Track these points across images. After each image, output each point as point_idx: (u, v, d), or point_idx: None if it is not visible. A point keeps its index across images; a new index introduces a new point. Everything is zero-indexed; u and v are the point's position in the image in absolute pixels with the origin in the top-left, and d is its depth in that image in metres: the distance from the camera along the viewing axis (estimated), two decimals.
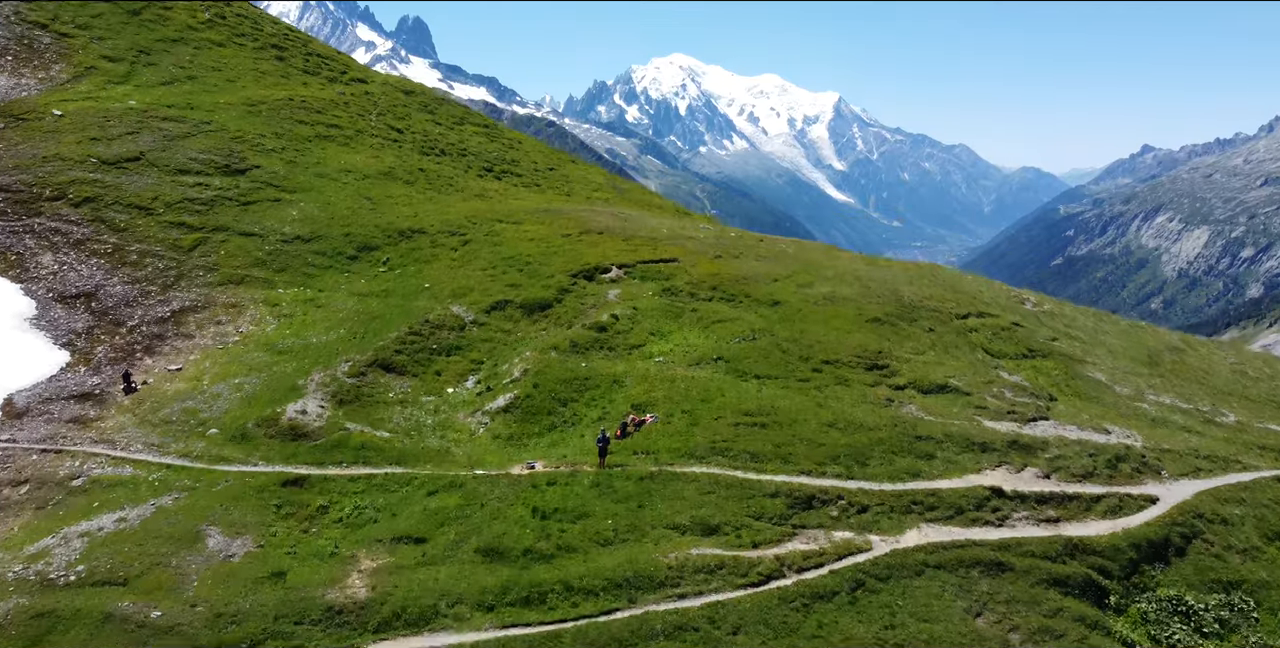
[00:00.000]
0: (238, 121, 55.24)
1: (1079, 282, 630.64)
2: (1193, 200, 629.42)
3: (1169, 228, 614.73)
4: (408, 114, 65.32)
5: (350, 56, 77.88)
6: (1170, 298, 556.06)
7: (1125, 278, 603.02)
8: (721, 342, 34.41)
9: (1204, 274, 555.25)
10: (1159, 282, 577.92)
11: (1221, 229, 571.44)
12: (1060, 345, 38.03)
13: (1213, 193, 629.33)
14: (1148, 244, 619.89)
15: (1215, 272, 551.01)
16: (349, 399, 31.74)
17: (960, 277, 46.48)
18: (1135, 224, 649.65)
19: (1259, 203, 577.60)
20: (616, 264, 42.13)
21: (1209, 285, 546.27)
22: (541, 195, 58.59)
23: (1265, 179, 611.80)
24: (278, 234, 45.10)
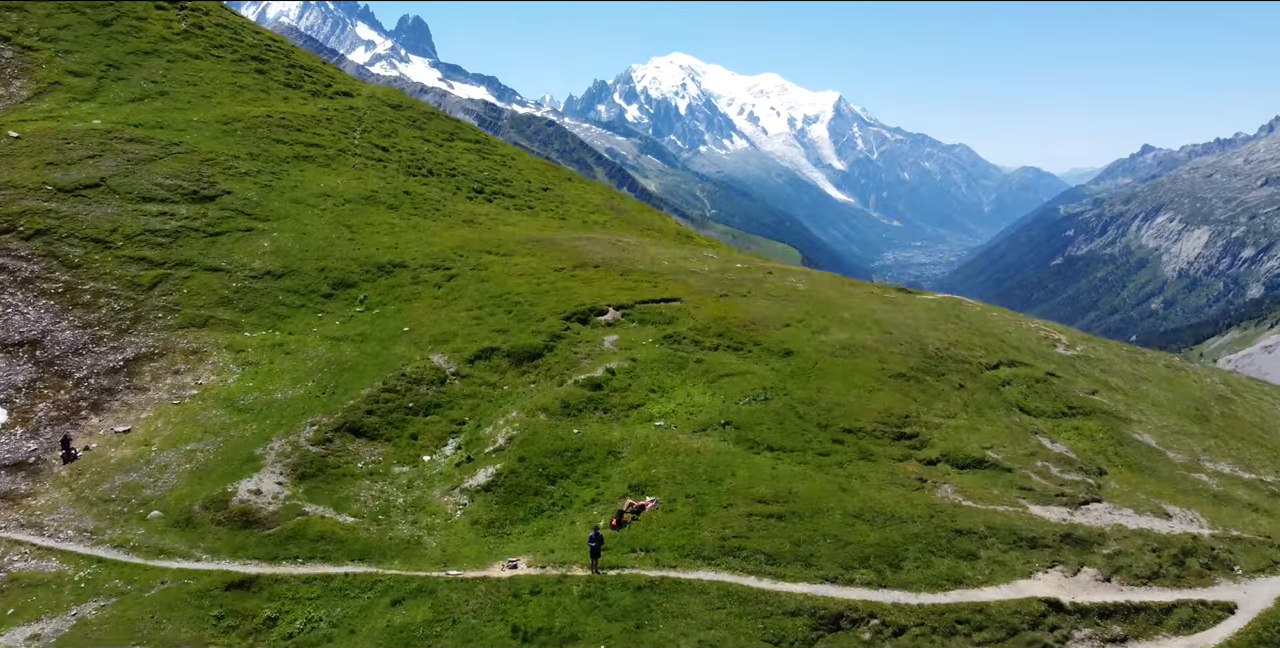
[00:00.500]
0: (210, 142, 51.68)
1: (1079, 281, 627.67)
2: (1193, 200, 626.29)
3: (1169, 228, 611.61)
4: (395, 130, 61.76)
5: (337, 67, 74.30)
6: (1170, 298, 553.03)
7: (1125, 278, 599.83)
8: (729, 402, 30.90)
9: (1204, 274, 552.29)
10: (1159, 282, 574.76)
11: (1222, 229, 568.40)
12: (1101, 400, 34.52)
13: (1213, 193, 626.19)
14: (1148, 244, 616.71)
15: (1215, 272, 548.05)
16: (312, 472, 28.22)
17: (985, 315, 42.96)
18: (1135, 224, 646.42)
19: (1259, 203, 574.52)
20: (613, 305, 38.62)
21: (1209, 286, 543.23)
22: (535, 220, 55.07)
23: (1266, 179, 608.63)
24: (246, 269, 41.57)
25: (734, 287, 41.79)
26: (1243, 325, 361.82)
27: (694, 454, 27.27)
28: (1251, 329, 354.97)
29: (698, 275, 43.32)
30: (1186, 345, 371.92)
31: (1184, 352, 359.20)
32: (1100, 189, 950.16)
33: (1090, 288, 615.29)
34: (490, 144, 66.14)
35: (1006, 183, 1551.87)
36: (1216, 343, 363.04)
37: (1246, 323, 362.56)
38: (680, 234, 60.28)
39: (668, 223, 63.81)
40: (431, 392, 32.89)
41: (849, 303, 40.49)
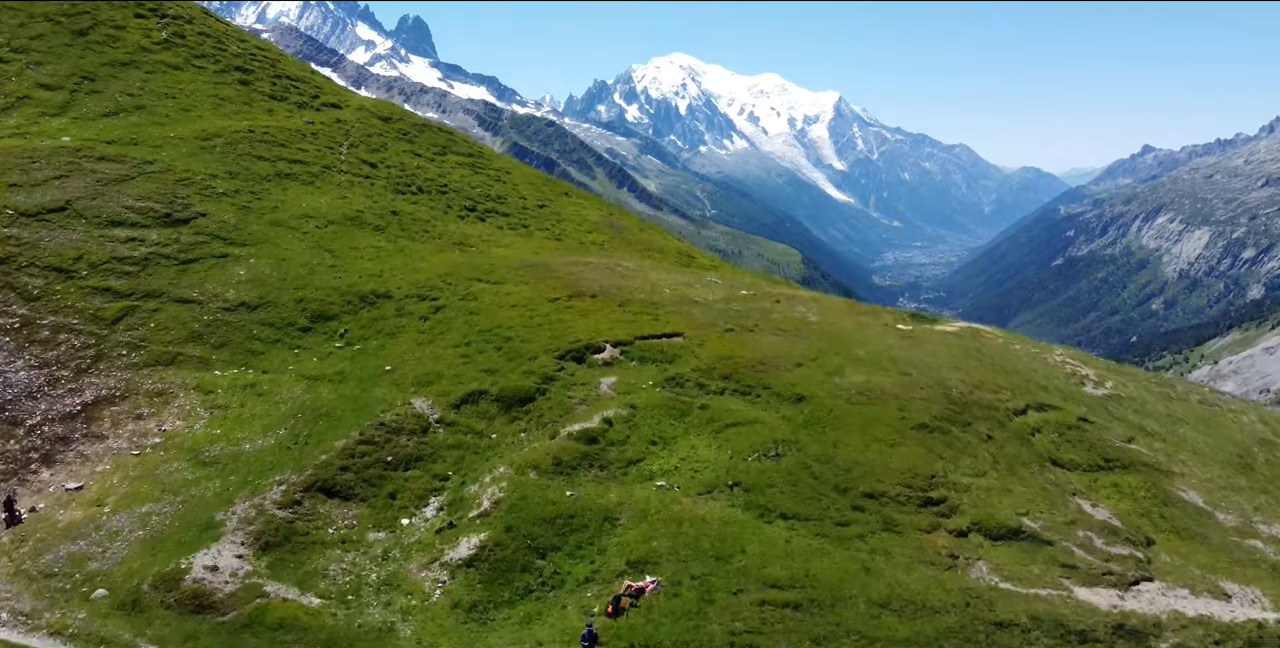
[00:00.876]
0: (187, 159, 49.00)
1: (1079, 282, 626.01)
2: (1194, 201, 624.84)
3: (1170, 228, 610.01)
4: (384, 144, 59.07)
5: (326, 76, 71.61)
6: (1171, 299, 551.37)
7: (1126, 278, 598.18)
8: (737, 457, 28.23)
9: (1205, 275, 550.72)
10: (1160, 282, 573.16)
11: (1222, 230, 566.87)
12: (1140, 450, 31.85)
13: (1214, 193, 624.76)
14: (1148, 245, 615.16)
15: (1216, 273, 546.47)
16: (277, 541, 25.56)
17: (1007, 349, 40.28)
18: (1136, 225, 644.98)
19: (1260, 203, 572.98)
20: (611, 341, 35.96)
21: (1210, 286, 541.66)
22: (529, 241, 52.38)
23: (1266, 180, 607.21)
24: (219, 300, 38.89)
25: (740, 319, 39.12)
26: (1244, 327, 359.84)
27: (699, 524, 24.62)
28: (1253, 330, 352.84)
29: (701, 306, 40.64)
30: (1187, 346, 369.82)
31: (1185, 353, 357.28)
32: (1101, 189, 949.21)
33: (1091, 288, 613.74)
34: (484, 157, 63.41)
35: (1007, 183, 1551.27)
36: (1217, 344, 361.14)
37: (1247, 324, 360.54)
38: (682, 254, 57.57)
39: (668, 242, 61.13)
40: (413, 443, 30.22)
41: (863, 337, 37.83)
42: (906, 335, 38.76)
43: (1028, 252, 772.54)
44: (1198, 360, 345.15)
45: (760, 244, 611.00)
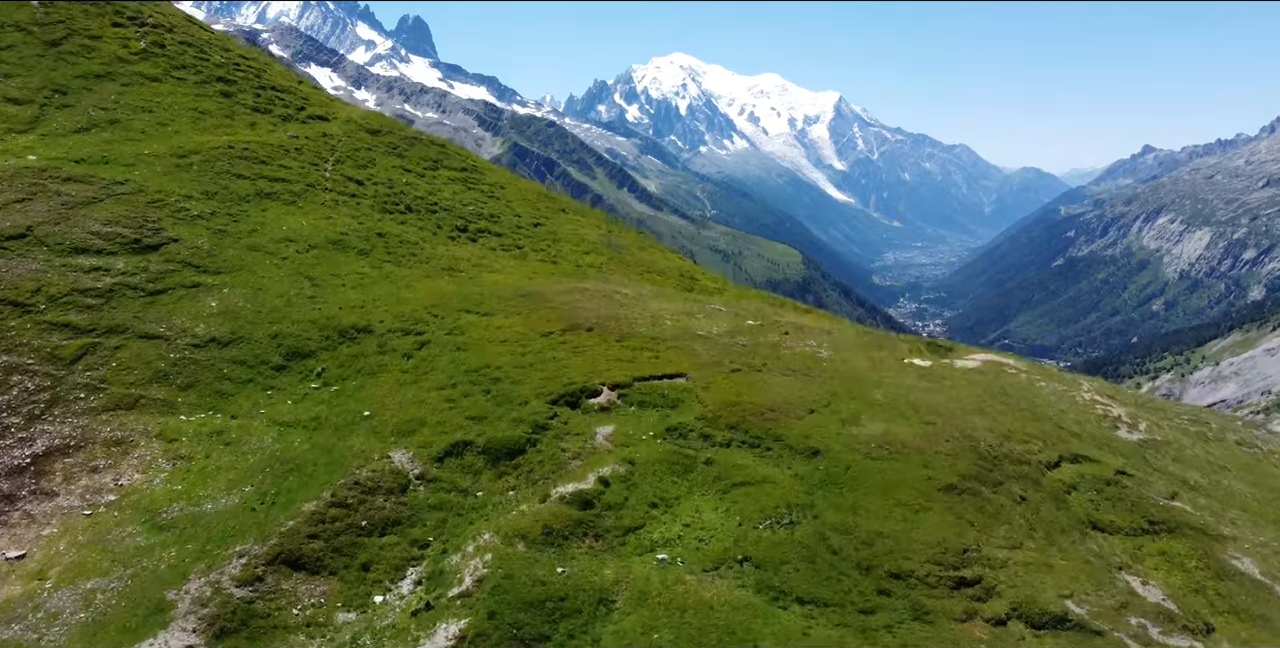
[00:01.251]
0: (160, 179, 46.33)
1: (1080, 283, 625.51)
2: (1194, 201, 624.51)
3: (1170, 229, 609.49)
4: (372, 159, 56.36)
5: (314, 86, 68.91)
6: (1172, 300, 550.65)
7: (1126, 279, 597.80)
8: (747, 525, 25.56)
9: (1206, 276, 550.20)
10: (1160, 283, 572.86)
11: (1223, 231, 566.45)
12: (1185, 508, 29.18)
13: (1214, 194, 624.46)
14: (1149, 245, 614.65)
15: (1217, 273, 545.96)
16: (234, 626, 22.89)
17: (1032, 387, 37.61)
18: (1136, 225, 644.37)
19: (1261, 204, 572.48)
20: (608, 383, 33.28)
21: (1211, 287, 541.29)
22: (523, 264, 49.69)
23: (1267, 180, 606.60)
24: (188, 336, 36.21)
25: (747, 356, 36.43)
26: (1245, 328, 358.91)
27: (705, 611, 21.95)
28: (1254, 332, 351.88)
29: (705, 341, 37.95)
30: (1188, 347, 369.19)
31: (1186, 354, 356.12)
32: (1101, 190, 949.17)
33: (1091, 289, 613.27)
34: (478, 171, 60.71)
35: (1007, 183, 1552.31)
36: (1218, 345, 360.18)
37: (1249, 325, 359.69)
38: (684, 276, 54.86)
39: (669, 261, 58.44)
40: (390, 504, 27.54)
41: (880, 378, 35.14)
42: (926, 374, 36.08)
43: (1028, 252, 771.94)
44: (1199, 362, 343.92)
45: (760, 245, 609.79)
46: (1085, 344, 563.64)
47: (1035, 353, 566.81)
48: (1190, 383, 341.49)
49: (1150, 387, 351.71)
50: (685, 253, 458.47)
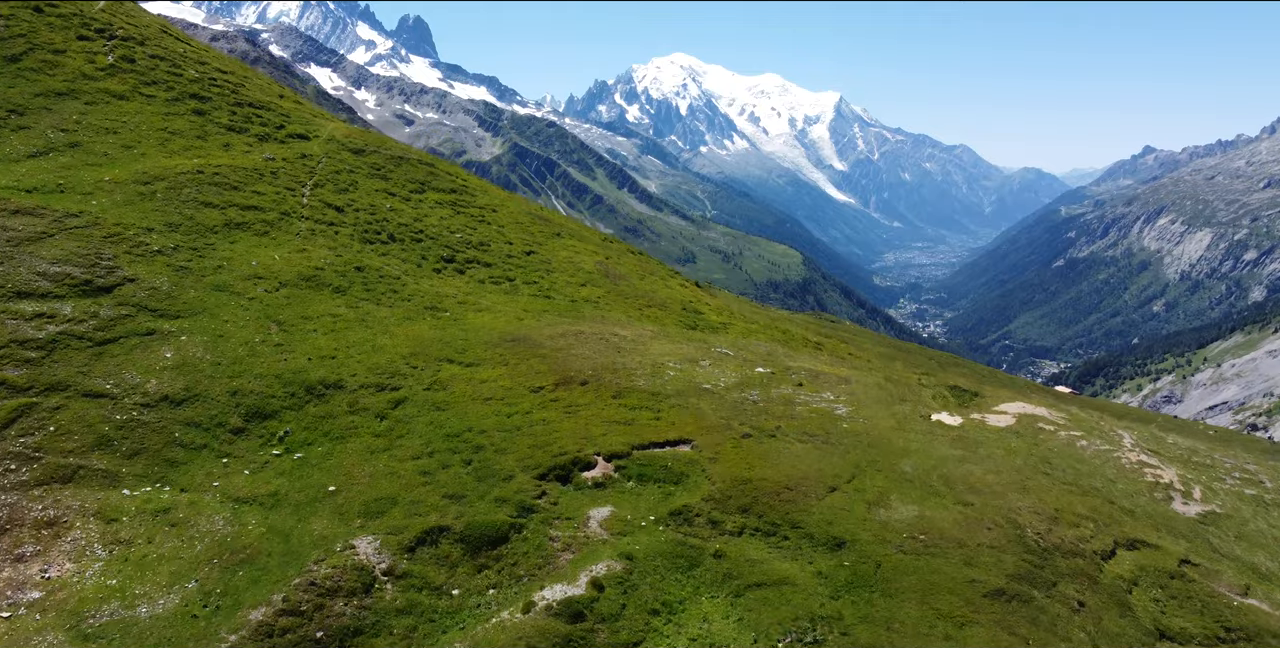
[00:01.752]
0: (120, 209, 42.68)
1: (1080, 283, 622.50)
2: (1195, 202, 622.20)
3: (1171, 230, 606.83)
4: (354, 183, 52.68)
5: (297, 101, 65.21)
6: (1172, 301, 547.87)
7: (1127, 280, 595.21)
8: (764, 642, 21.92)
9: (1206, 277, 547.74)
10: (1161, 284, 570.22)
11: (1224, 231, 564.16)
12: (1260, 607, 25.57)
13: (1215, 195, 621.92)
14: (1150, 246, 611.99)
15: (1218, 274, 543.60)
16: None
17: (1074, 449, 33.98)
18: (1137, 226, 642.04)
19: (1262, 205, 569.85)
20: (604, 453, 29.64)
21: (1211, 288, 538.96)
22: (514, 300, 46.00)
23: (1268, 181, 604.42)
24: (138, 394, 32.56)
25: (758, 416, 32.78)
26: (1246, 329, 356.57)
27: None
28: (1255, 333, 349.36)
29: (711, 397, 34.30)
30: (1189, 349, 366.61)
31: (1187, 355, 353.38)
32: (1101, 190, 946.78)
33: (1092, 290, 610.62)
34: (469, 192, 57.03)
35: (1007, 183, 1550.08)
36: (1220, 347, 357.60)
37: (1250, 327, 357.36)
38: (687, 310, 51.14)
39: (671, 291, 54.78)
40: (351, 609, 23.90)
41: (906, 442, 31.48)
42: (957, 438, 32.41)
43: (1029, 253, 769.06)
44: (1200, 363, 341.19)
45: (761, 245, 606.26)
46: (1086, 345, 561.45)
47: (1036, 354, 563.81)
48: (1192, 385, 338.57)
49: (1151, 388, 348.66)
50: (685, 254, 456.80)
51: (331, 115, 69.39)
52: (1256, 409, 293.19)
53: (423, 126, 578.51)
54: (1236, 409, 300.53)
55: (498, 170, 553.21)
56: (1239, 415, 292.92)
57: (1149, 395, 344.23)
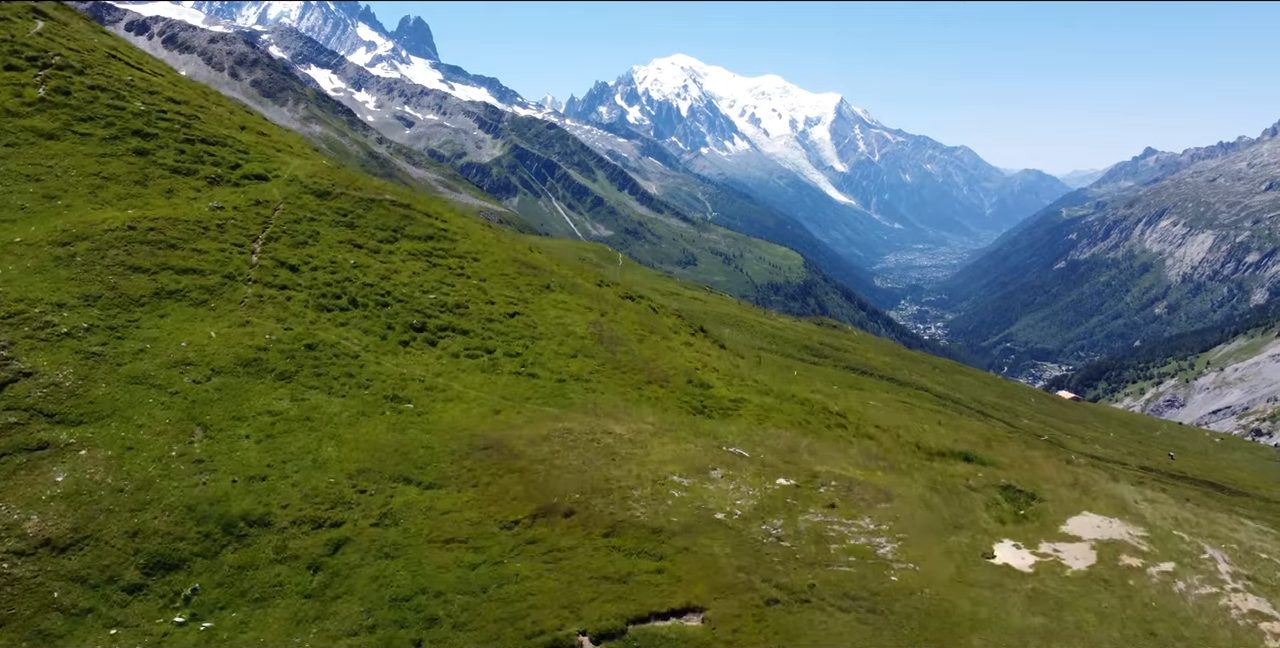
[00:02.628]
0: (29, 279, 36.27)
1: (1082, 286, 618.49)
2: (1196, 204, 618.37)
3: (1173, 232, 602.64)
4: (315, 233, 46.13)
5: (262, 130, 58.70)
6: (1174, 303, 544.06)
7: (1129, 282, 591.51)
8: None
9: (1208, 279, 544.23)
10: (1163, 286, 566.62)
11: (1226, 234, 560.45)
12: None
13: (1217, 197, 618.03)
14: (1151, 248, 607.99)
15: (1220, 277, 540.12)
16: None
17: (1170, 595, 27.63)
18: (1139, 228, 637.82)
19: (1264, 207, 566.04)
20: (591, 632, 23.25)
21: (1213, 291, 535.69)
22: (491, 381, 39.47)
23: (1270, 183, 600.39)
24: (12, 537, 26.15)
25: (785, 564, 26.36)
26: (1249, 333, 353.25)
27: None
28: (1259, 337, 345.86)
29: (726, 532, 27.88)
30: (1192, 352, 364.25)
31: (1190, 359, 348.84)
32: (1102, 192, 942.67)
33: (1094, 292, 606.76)
34: (449, 238, 50.32)
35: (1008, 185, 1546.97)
36: (1223, 350, 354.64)
37: (1253, 330, 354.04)
38: (693, 382, 44.48)
39: (676, 355, 48.29)
40: None
41: (973, 607, 25.03)
42: (1034, 595, 26.03)
43: (1030, 254, 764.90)
44: (1203, 367, 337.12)
45: (762, 247, 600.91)
46: (1087, 347, 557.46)
47: (1037, 356, 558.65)
48: (1195, 389, 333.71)
49: (1154, 392, 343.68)
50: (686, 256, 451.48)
51: (301, 147, 62.96)
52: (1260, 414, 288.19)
53: (423, 128, 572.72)
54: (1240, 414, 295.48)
55: (498, 172, 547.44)
56: (1243, 420, 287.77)
57: (1152, 399, 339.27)
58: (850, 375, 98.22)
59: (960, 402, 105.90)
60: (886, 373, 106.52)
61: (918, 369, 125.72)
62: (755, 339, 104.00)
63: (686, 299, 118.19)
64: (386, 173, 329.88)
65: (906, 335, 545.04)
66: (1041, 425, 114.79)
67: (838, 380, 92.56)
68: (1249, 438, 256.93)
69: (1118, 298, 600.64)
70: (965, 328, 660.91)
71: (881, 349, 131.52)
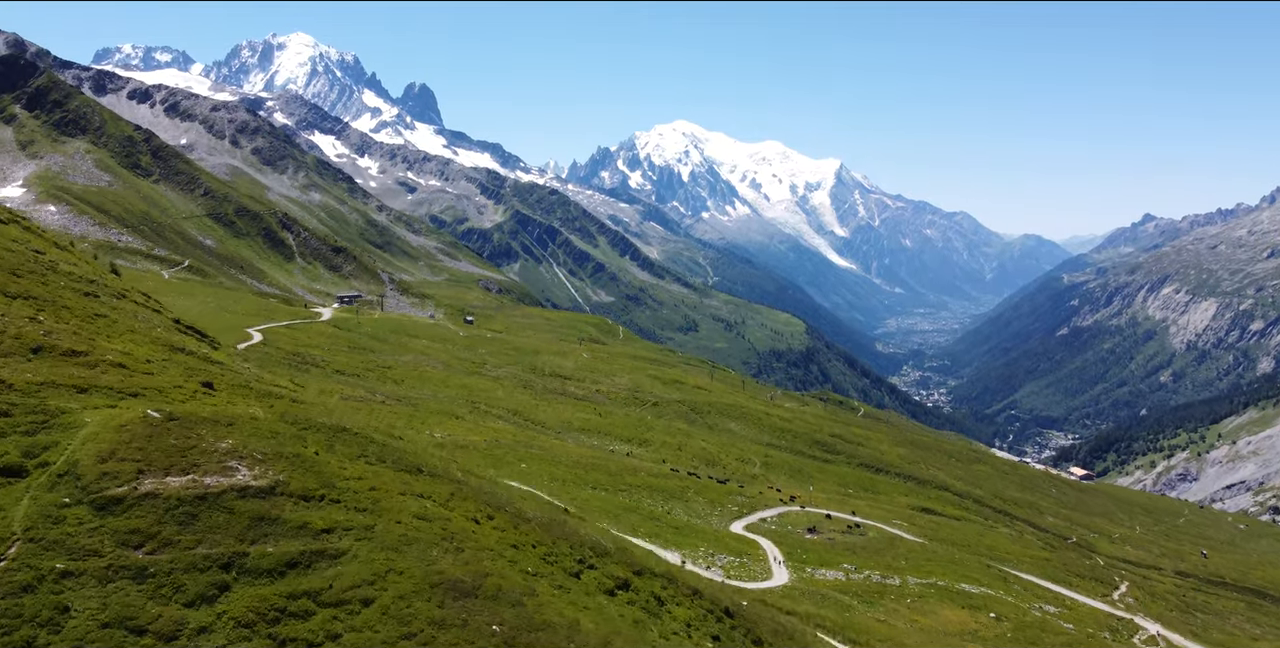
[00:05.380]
0: None
1: (1086, 352, 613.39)
2: (1199, 271, 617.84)
3: (1176, 299, 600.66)
4: (62, 610, 17.27)
5: (119, 302, 55.11)
6: (1180, 371, 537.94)
7: (1133, 349, 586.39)
8: None
9: (1213, 347, 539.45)
10: (1167, 354, 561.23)
11: (1229, 301, 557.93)
12: None
13: (1218, 264, 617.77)
14: (1154, 315, 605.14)
15: (1225, 344, 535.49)
16: None
17: None
18: (1141, 294, 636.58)
19: (1266, 275, 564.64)
20: None
21: (1219, 358, 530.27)
22: None
23: (1271, 251, 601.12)
24: None
25: None
26: (1260, 405, 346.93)
27: None
28: (1270, 409, 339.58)
29: None
30: (1202, 423, 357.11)
31: (1201, 431, 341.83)
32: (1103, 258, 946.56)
33: (1098, 359, 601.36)
34: (331, 550, 24.40)
35: (1008, 250, 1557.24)
36: (1234, 423, 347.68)
37: (1264, 402, 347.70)
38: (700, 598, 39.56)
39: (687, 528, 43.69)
40: None
41: None
42: None
43: (1032, 320, 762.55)
44: (1214, 440, 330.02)
45: (763, 314, 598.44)
46: (1093, 415, 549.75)
47: (1043, 424, 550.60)
48: (1207, 463, 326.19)
49: (1165, 466, 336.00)
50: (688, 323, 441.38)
51: (142, 365, 59.28)
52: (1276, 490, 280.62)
53: (425, 194, 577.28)
54: (1256, 490, 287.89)
55: (499, 238, 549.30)
56: (1259, 497, 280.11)
57: (1163, 473, 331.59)
58: (866, 475, 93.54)
59: (982, 500, 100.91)
60: (903, 469, 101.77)
61: (934, 460, 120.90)
62: (764, 434, 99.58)
63: (690, 389, 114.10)
64: (385, 241, 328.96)
65: (910, 403, 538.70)
66: (1067, 524, 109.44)
67: (853, 482, 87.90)
68: (1267, 517, 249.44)
69: (1122, 365, 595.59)
70: (969, 395, 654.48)
71: (895, 439, 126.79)
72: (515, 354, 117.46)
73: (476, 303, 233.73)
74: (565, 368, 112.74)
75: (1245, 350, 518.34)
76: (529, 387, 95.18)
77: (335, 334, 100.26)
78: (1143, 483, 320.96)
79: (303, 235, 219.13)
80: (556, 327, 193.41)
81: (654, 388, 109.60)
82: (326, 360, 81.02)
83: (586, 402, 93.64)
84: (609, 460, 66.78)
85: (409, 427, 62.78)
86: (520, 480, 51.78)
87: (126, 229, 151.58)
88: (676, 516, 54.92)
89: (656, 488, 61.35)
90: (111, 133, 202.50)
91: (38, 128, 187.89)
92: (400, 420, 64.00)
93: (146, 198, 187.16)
